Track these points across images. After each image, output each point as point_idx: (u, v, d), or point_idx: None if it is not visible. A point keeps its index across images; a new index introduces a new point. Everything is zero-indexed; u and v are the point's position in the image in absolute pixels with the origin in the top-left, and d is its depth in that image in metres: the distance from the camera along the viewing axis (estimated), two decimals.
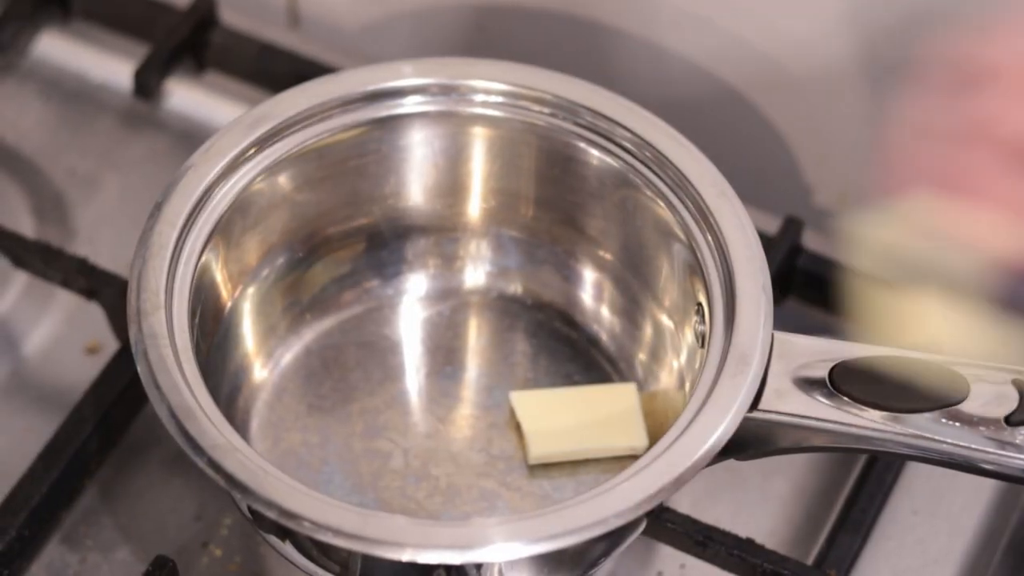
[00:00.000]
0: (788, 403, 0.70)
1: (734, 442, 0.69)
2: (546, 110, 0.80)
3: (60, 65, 0.98)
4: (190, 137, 0.94)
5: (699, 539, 0.76)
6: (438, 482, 0.78)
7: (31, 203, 0.92)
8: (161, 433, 0.71)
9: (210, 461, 0.67)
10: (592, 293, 0.84)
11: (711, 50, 0.92)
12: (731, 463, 0.73)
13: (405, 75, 0.80)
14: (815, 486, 0.83)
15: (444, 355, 0.83)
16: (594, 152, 0.79)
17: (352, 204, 0.82)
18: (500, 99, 0.80)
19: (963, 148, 0.63)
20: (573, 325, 0.84)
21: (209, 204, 0.76)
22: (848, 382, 0.69)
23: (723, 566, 0.76)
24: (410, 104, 0.80)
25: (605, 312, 0.83)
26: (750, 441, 0.71)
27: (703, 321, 0.74)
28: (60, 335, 0.87)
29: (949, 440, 0.68)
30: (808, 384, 0.70)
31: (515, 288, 0.85)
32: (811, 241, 0.89)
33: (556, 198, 0.82)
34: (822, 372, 0.70)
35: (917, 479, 0.82)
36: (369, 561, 0.70)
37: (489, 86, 0.80)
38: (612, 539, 0.72)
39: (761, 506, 0.82)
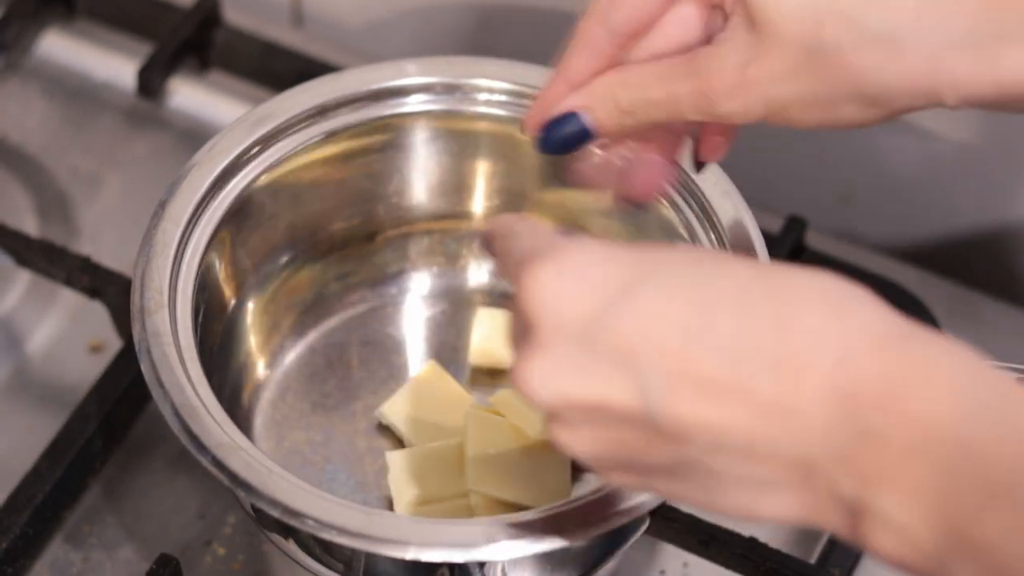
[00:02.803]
0: None
1: None
2: None
3: (64, 64, 0.98)
4: (194, 136, 0.94)
5: (702, 538, 0.76)
6: None
7: (34, 202, 0.92)
8: (165, 432, 0.71)
9: (214, 460, 0.67)
10: None
11: None
12: None
13: (409, 74, 0.80)
14: None
15: (448, 354, 0.83)
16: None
17: (355, 202, 0.82)
18: (504, 98, 0.80)
19: None
20: None
21: (213, 202, 0.76)
22: None
23: (726, 565, 0.76)
24: (414, 103, 0.80)
25: None
26: None
27: None
28: (63, 334, 0.87)
29: None
30: None
31: None
32: (814, 240, 0.89)
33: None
34: None
35: None
36: (373, 560, 0.70)
37: (493, 85, 0.80)
38: (615, 538, 0.72)
39: None
